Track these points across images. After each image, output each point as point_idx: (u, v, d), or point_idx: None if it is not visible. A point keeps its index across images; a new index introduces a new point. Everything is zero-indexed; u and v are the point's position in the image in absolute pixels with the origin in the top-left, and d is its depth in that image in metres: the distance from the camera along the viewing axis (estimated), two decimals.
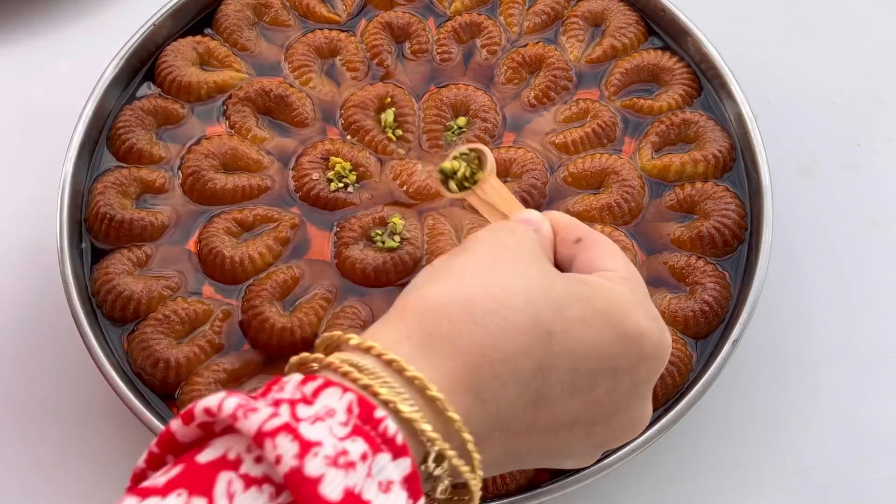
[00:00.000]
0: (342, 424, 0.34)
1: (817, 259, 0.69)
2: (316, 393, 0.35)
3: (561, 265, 0.45)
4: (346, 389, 0.35)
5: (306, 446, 0.32)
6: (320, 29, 0.72)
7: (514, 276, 0.39)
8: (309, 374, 0.36)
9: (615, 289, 0.41)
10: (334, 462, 0.32)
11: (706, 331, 0.61)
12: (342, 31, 0.72)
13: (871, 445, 0.63)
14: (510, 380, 0.37)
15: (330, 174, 0.66)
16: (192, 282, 0.63)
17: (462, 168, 0.51)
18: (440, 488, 0.37)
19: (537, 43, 0.71)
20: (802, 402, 0.64)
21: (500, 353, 0.37)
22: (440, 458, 0.36)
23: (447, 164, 0.50)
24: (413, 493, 0.34)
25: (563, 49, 0.71)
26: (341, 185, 0.65)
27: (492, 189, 0.50)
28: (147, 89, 0.71)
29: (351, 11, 0.74)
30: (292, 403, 0.34)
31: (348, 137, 0.68)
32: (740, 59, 0.70)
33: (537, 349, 0.37)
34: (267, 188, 0.66)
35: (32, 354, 0.67)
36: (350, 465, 0.32)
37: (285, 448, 0.32)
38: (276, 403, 0.33)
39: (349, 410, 0.34)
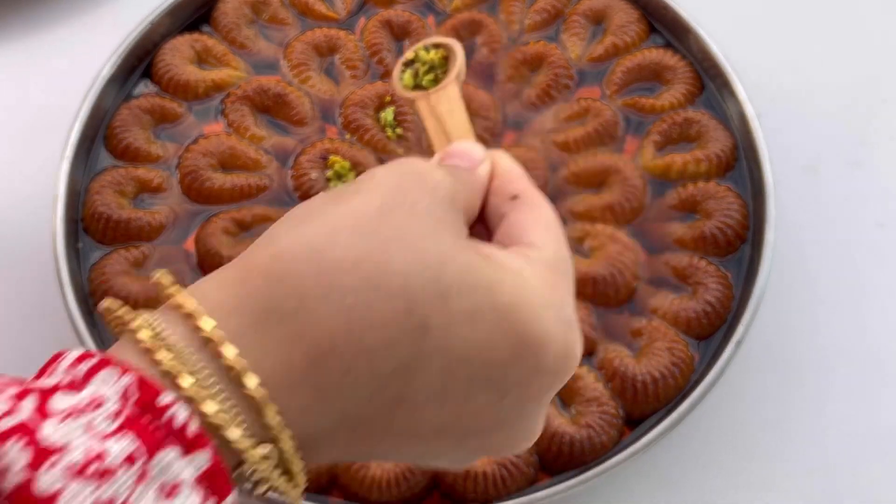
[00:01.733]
0: (110, 417, 0.27)
1: (821, 259, 0.69)
2: (88, 376, 0.28)
3: (488, 219, 0.38)
4: (125, 370, 0.28)
5: (43, 454, 0.26)
6: (319, 27, 0.72)
7: (401, 245, 0.30)
8: (87, 353, 0.29)
9: (529, 279, 0.33)
10: (80, 472, 0.26)
11: (709, 332, 0.61)
12: (341, 29, 0.72)
13: (876, 448, 0.63)
14: (364, 378, 0.30)
15: (329, 173, 0.65)
16: (189, 282, 0.62)
17: (429, 61, 0.43)
18: (258, 491, 0.31)
19: (538, 41, 0.70)
20: (806, 403, 0.64)
21: (355, 345, 0.30)
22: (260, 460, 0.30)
23: (412, 54, 0.43)
24: (216, 490, 0.28)
25: (564, 47, 0.71)
26: (340, 184, 0.65)
27: (447, 101, 0.42)
28: (144, 88, 0.70)
29: (350, 9, 0.73)
30: (47, 393, 0.27)
31: (347, 136, 0.68)
32: (743, 58, 0.69)
33: (405, 344, 0.30)
34: (265, 187, 0.66)
35: (28, 355, 0.66)
36: (106, 473, 0.26)
37: (13, 457, 0.25)
38: (23, 395, 0.27)
39: (124, 397, 0.27)
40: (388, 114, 0.68)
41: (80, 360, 0.29)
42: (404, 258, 0.30)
